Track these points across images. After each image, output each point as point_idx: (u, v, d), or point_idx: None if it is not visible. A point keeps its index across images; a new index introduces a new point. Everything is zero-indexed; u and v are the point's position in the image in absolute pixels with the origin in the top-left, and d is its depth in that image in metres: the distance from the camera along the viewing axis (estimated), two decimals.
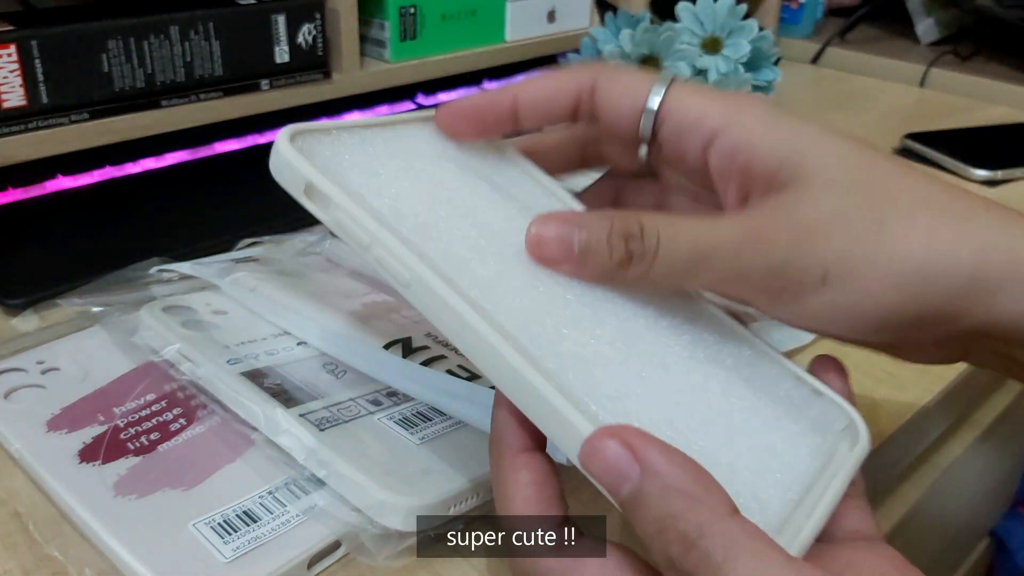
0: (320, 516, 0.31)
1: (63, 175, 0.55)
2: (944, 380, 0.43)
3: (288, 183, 0.27)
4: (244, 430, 0.34)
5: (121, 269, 0.44)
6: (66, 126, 0.49)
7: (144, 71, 0.51)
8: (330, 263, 0.47)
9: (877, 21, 1.08)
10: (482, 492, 0.32)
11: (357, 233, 0.26)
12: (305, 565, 0.29)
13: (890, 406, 0.41)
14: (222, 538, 0.29)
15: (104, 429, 0.34)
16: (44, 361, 0.38)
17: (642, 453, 0.21)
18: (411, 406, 0.35)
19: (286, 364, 0.37)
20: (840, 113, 0.83)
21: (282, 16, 0.56)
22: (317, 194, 0.27)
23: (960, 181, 0.67)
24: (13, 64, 0.46)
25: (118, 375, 0.38)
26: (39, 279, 0.45)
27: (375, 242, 0.26)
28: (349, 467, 0.31)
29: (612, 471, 0.21)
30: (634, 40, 0.64)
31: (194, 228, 0.52)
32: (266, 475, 0.32)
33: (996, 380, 0.56)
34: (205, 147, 0.62)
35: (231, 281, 0.43)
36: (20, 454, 0.33)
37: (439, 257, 0.26)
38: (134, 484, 0.32)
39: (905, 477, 0.50)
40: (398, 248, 0.26)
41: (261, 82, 0.57)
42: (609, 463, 0.21)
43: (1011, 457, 0.71)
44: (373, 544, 0.30)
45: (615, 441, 0.21)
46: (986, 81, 0.89)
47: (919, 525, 0.52)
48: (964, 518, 0.69)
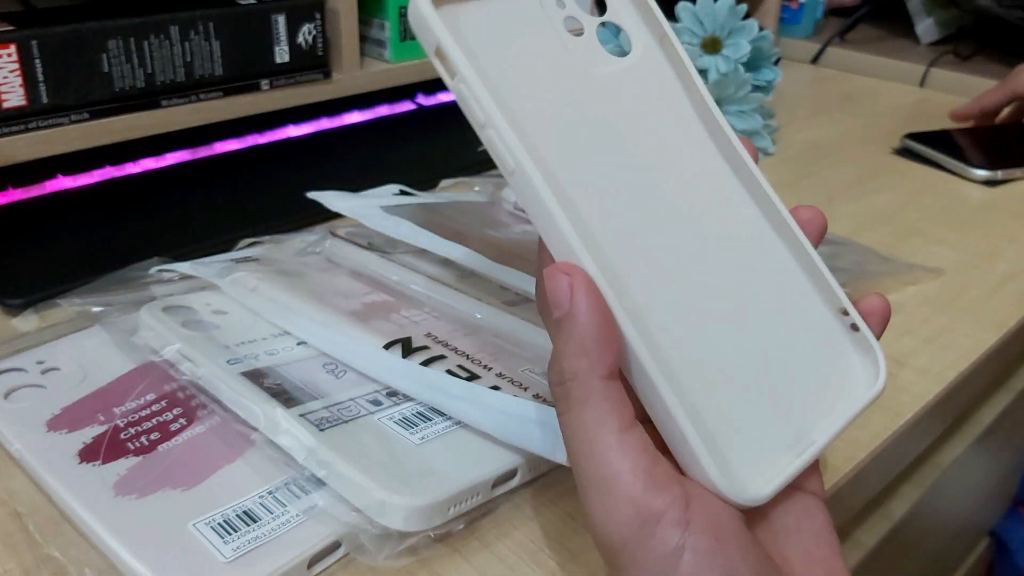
0: (320, 516, 0.31)
1: (63, 175, 0.55)
2: (944, 380, 0.43)
3: (421, 38, 0.26)
4: (244, 430, 0.34)
5: (121, 269, 0.44)
6: (66, 126, 0.49)
7: (144, 71, 0.51)
8: (330, 263, 0.47)
9: (877, 21, 1.09)
10: (482, 492, 0.32)
11: (474, 109, 0.26)
12: (305, 565, 0.29)
13: (890, 406, 0.41)
14: (222, 538, 0.29)
15: (104, 429, 0.34)
16: (44, 361, 0.38)
17: (576, 296, 0.25)
18: (411, 406, 0.36)
19: (286, 364, 0.37)
20: (840, 113, 0.83)
21: (282, 16, 0.56)
22: (446, 59, 0.26)
23: (960, 181, 0.67)
24: (13, 64, 0.46)
25: (118, 375, 0.38)
26: (39, 279, 0.45)
27: (489, 123, 0.25)
28: (349, 467, 0.31)
29: (554, 296, 0.25)
30: None
31: (194, 228, 0.52)
32: (266, 475, 0.32)
33: (996, 380, 0.56)
34: (205, 147, 0.62)
35: (231, 281, 0.43)
36: (20, 454, 0.33)
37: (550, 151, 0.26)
38: (134, 484, 0.32)
39: (905, 477, 0.50)
40: (509, 135, 0.25)
41: (261, 82, 0.57)
42: (553, 289, 0.25)
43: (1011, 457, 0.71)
44: (373, 544, 0.30)
45: (566, 278, 0.25)
46: (986, 81, 0.89)
47: (919, 524, 0.52)
48: (964, 518, 0.69)
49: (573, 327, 0.25)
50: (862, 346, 0.30)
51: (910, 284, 0.51)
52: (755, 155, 0.31)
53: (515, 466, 0.33)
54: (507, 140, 0.25)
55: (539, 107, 0.27)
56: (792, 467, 0.27)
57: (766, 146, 0.67)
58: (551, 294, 0.25)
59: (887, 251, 0.54)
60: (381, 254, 0.46)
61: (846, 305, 0.30)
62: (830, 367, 0.30)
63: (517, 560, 0.31)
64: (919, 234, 0.58)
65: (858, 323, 0.30)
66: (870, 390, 0.29)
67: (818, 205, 0.32)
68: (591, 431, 0.25)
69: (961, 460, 0.53)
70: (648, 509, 0.24)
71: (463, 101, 0.26)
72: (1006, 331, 0.48)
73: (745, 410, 0.27)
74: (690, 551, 0.23)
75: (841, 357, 0.30)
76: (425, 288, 0.43)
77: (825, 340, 0.30)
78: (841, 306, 0.30)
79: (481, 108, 0.25)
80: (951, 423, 0.50)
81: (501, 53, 0.27)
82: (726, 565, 0.23)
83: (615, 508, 0.24)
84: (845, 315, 0.30)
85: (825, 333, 0.30)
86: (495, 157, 0.26)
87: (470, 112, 0.26)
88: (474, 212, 0.51)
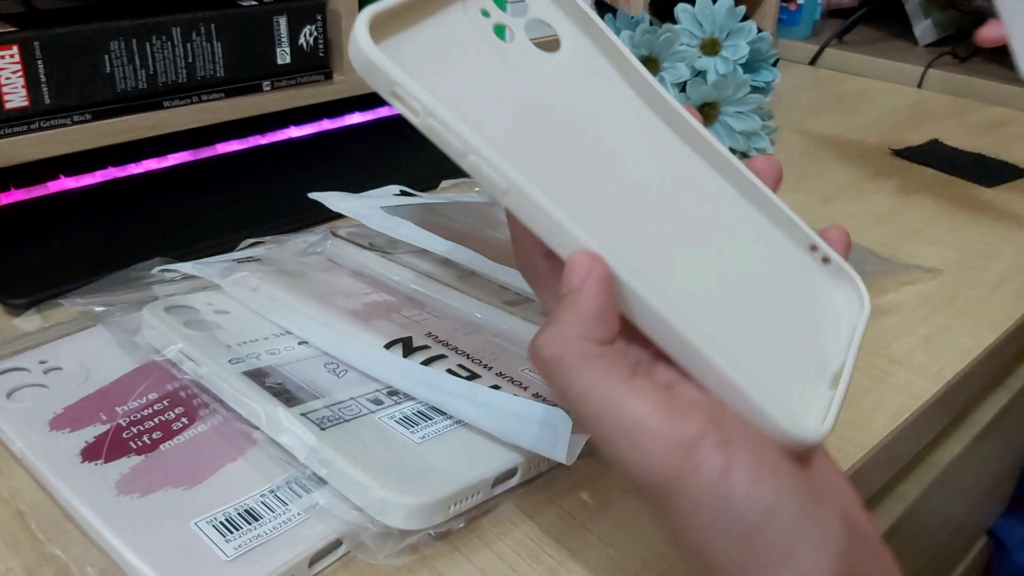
0: (321, 514, 0.31)
1: (65, 175, 0.55)
2: (943, 379, 0.43)
3: (371, 80, 0.26)
4: (246, 429, 0.34)
5: (123, 269, 0.44)
6: (68, 127, 0.50)
7: (146, 72, 0.52)
8: (331, 263, 0.47)
9: (875, 22, 1.09)
10: (482, 490, 0.32)
11: (450, 140, 0.25)
12: (306, 563, 0.30)
13: (889, 405, 0.41)
14: (224, 536, 0.30)
15: (106, 428, 0.34)
16: (47, 360, 0.39)
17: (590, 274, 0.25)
18: (412, 405, 0.36)
19: (287, 363, 0.37)
20: (838, 114, 0.83)
21: (283, 18, 0.56)
22: (405, 99, 0.25)
23: (958, 181, 0.67)
24: (16, 65, 0.47)
25: (120, 374, 0.38)
26: (42, 279, 0.45)
27: (469, 149, 0.25)
28: (350, 466, 0.31)
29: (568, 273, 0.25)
30: (633, 41, 0.64)
31: (196, 228, 0.52)
32: (267, 474, 0.32)
33: (995, 379, 0.57)
34: (207, 148, 0.62)
35: (233, 281, 0.43)
36: (23, 453, 0.33)
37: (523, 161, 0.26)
38: (136, 483, 0.32)
39: (904, 476, 0.50)
40: (494, 155, 0.25)
41: (263, 83, 0.57)
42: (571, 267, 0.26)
43: (1009, 456, 0.72)
44: (374, 542, 0.30)
45: (586, 256, 0.25)
46: (984, 82, 0.90)
47: (918, 523, 0.52)
48: (962, 517, 0.69)
49: (574, 299, 0.25)
50: (839, 275, 0.31)
51: (908, 284, 0.52)
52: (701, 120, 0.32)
53: (515, 465, 0.33)
54: (493, 161, 0.25)
55: (497, 120, 0.27)
56: (837, 397, 0.27)
57: (764, 147, 0.67)
58: (567, 274, 0.25)
59: (885, 251, 0.55)
60: (382, 254, 0.46)
61: (815, 240, 0.31)
62: (817, 303, 0.30)
63: (517, 558, 0.31)
64: (917, 234, 0.58)
65: (829, 255, 0.31)
66: (861, 313, 0.30)
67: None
68: (600, 386, 0.24)
69: (959, 459, 0.53)
70: (685, 438, 0.23)
71: (434, 134, 0.25)
72: (1003, 331, 0.48)
73: (768, 355, 0.27)
74: (738, 468, 0.23)
75: (823, 291, 0.31)
76: (426, 288, 0.44)
77: (806, 278, 0.31)
78: (811, 242, 0.31)
79: (458, 137, 0.25)
80: (949, 422, 0.50)
81: (447, 75, 0.27)
82: (774, 473, 0.23)
83: (651, 449, 0.23)
84: (815, 250, 0.31)
85: (803, 272, 0.31)
86: (482, 181, 0.26)
87: (445, 143, 0.25)
88: (474, 212, 0.52)
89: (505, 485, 0.33)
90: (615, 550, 0.32)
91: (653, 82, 0.31)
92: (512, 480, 0.33)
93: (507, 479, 0.33)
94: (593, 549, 0.32)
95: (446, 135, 0.25)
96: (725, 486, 0.23)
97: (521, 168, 0.25)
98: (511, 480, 0.33)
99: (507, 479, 0.33)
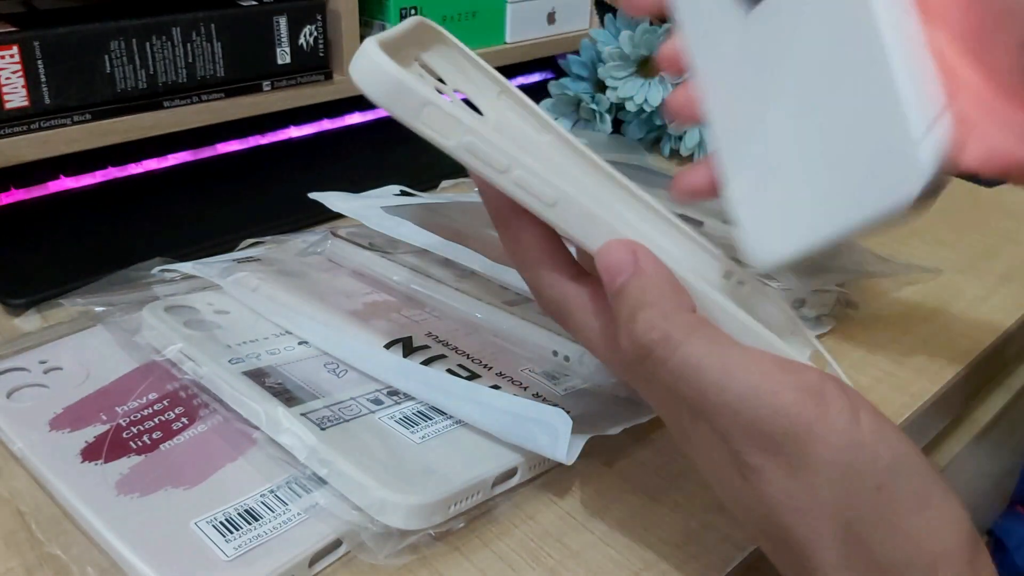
0: (321, 514, 0.31)
1: (66, 175, 0.55)
2: (942, 379, 0.43)
3: (395, 103, 0.24)
4: (246, 429, 0.34)
5: (123, 269, 0.44)
6: (68, 127, 0.50)
7: (146, 72, 0.52)
8: (331, 263, 0.47)
9: None
10: (482, 491, 0.32)
11: (494, 156, 0.25)
12: (306, 563, 0.30)
13: (888, 405, 0.41)
14: (224, 536, 0.30)
15: (106, 428, 0.34)
16: (47, 360, 0.39)
17: (640, 257, 0.26)
18: (412, 405, 0.36)
19: (287, 363, 0.37)
20: None
21: (283, 18, 0.56)
22: (437, 117, 0.24)
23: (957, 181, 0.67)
24: (16, 65, 0.47)
25: (120, 374, 0.38)
26: (42, 279, 0.45)
27: (515, 163, 0.25)
28: (350, 466, 0.31)
29: (619, 264, 0.26)
30: (633, 41, 0.64)
31: (196, 228, 0.52)
32: (268, 474, 0.32)
33: (994, 379, 0.57)
34: (207, 148, 0.62)
35: (233, 281, 0.43)
36: (23, 453, 0.33)
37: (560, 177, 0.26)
38: (136, 483, 0.32)
39: None
40: (538, 167, 0.25)
41: (263, 83, 0.57)
42: (616, 260, 0.27)
43: (1009, 456, 0.72)
44: (374, 542, 0.30)
45: (621, 243, 0.27)
46: None
47: None
48: None
49: (646, 281, 0.26)
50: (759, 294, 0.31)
51: (908, 284, 0.52)
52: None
53: (515, 465, 0.33)
54: (540, 172, 0.25)
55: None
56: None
57: None
58: (613, 265, 0.26)
59: (885, 251, 0.55)
60: (382, 254, 0.46)
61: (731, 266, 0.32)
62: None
63: (517, 558, 0.31)
64: (917, 234, 0.58)
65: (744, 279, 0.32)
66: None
67: None
68: (715, 352, 0.25)
69: (959, 459, 0.53)
70: (812, 384, 0.24)
71: (474, 152, 0.25)
72: (1003, 331, 0.48)
73: None
74: (864, 411, 0.24)
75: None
76: (426, 288, 0.44)
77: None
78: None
79: (502, 152, 0.24)
80: (949, 422, 0.50)
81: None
82: (884, 419, 0.24)
83: (782, 402, 0.24)
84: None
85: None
86: (526, 195, 0.25)
87: (487, 160, 0.25)
88: (474, 212, 0.51)
89: (505, 485, 0.33)
90: (615, 550, 0.32)
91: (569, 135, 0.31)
92: (512, 480, 0.33)
93: (507, 479, 0.33)
94: (593, 549, 0.32)
95: (489, 151, 0.25)
96: (857, 427, 0.24)
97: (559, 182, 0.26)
98: (511, 480, 0.33)
99: (507, 479, 0.33)
